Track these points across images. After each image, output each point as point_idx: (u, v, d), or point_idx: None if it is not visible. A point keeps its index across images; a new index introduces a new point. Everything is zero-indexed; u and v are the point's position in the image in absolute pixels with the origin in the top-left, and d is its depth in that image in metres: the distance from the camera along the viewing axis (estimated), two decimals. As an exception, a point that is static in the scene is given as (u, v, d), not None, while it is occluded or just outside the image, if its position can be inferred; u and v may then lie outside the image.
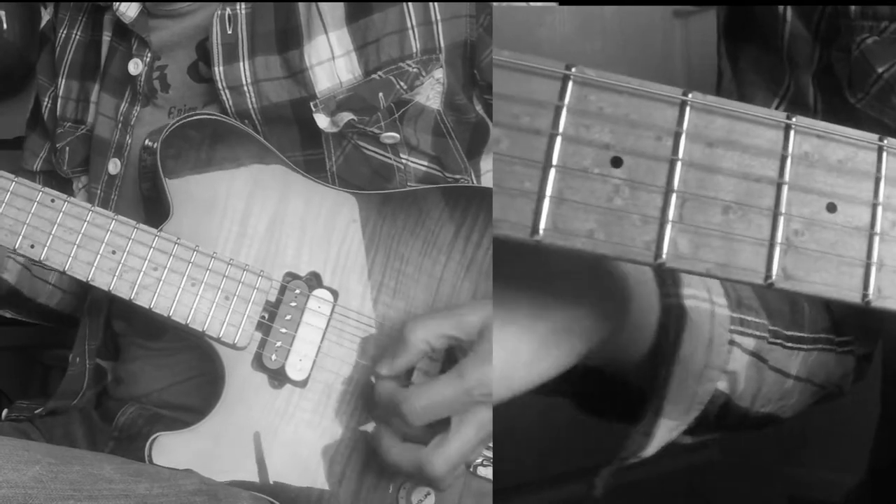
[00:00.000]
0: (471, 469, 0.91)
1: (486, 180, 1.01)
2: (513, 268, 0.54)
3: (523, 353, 0.55)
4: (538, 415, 1.49)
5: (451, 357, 0.90)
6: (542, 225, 0.46)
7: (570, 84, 0.47)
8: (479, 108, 1.01)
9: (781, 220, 0.48)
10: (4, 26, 1.48)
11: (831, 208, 0.49)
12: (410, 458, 0.84)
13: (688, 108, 0.48)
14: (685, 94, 0.48)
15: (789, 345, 0.79)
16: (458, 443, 0.83)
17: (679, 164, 0.47)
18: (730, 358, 0.70)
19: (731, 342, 0.70)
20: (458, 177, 0.99)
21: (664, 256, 0.47)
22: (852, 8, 0.78)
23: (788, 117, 0.49)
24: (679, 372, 0.65)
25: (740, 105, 0.48)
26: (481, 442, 0.85)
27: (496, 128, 0.46)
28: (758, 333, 0.74)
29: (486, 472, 0.93)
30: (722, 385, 0.72)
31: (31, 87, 1.17)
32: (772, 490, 1.77)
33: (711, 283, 0.60)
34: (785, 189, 0.48)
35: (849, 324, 0.86)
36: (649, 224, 0.47)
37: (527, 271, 0.54)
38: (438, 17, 0.96)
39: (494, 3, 0.98)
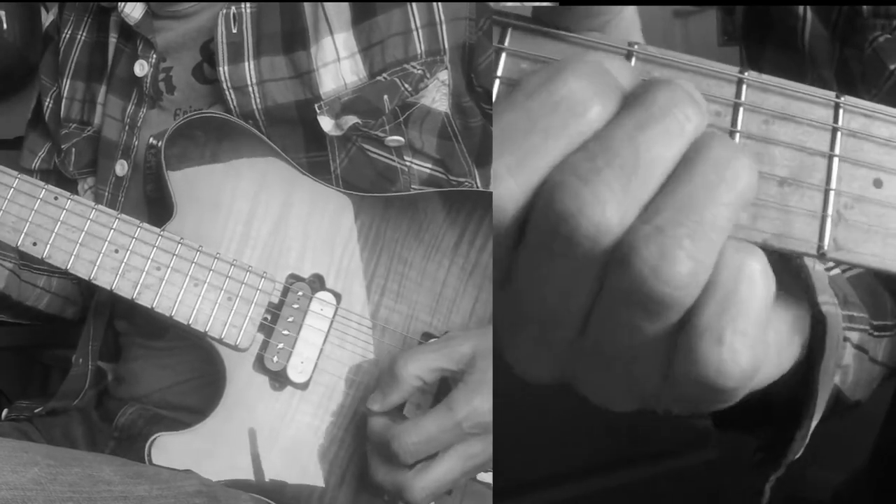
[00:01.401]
0: (452, 493, 0.91)
1: (494, 187, 1.02)
2: None
3: (773, 340, 0.55)
4: (538, 415, 1.50)
5: (444, 388, 0.89)
6: None
7: (634, 60, 0.49)
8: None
9: (832, 193, 0.50)
10: (4, 26, 1.47)
11: (878, 183, 0.51)
12: (393, 481, 0.85)
13: (744, 86, 0.50)
14: (741, 72, 0.50)
15: (876, 334, 0.81)
16: (439, 472, 0.83)
17: (738, 137, 0.49)
18: (844, 353, 0.73)
19: (845, 338, 0.72)
20: (462, 180, 1.00)
21: (726, 227, 0.49)
22: (865, 6, 0.81)
23: (837, 96, 0.51)
24: (823, 374, 0.66)
25: (793, 84, 0.51)
26: (467, 473, 0.85)
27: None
28: (861, 327, 0.77)
29: (486, 476, 0.93)
30: (836, 379, 0.74)
31: (31, 86, 1.16)
32: (771, 490, 1.79)
33: (824, 285, 0.61)
34: (836, 162, 0.50)
35: None
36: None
37: None
38: (442, 18, 0.96)
39: (493, 4, 0.99)
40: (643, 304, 0.46)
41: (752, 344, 0.47)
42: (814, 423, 0.68)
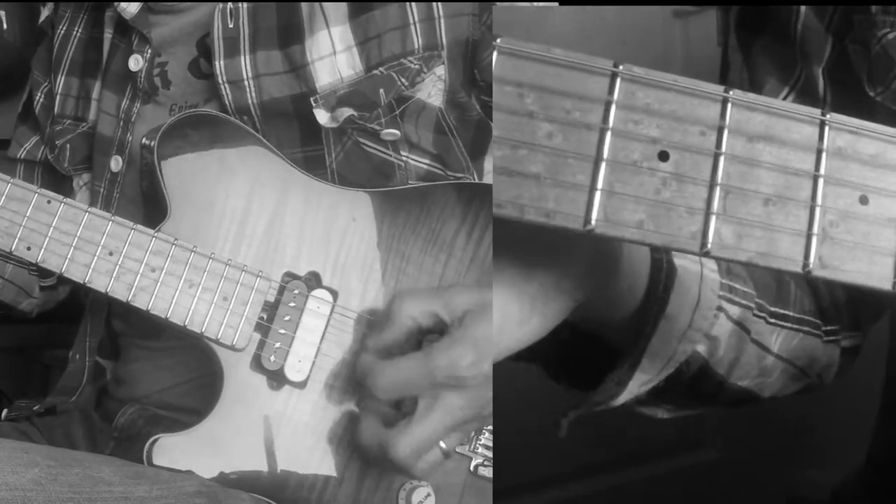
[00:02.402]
0: (450, 457, 0.88)
1: (489, 180, 1.02)
2: (504, 232, 0.54)
3: (513, 312, 0.56)
4: (538, 415, 1.50)
5: None
6: (595, 216, 0.47)
7: (619, 81, 0.48)
8: (477, 107, 1.01)
9: (818, 211, 0.50)
10: (4, 26, 1.47)
11: (864, 200, 0.51)
12: (376, 440, 0.85)
13: (729, 105, 0.49)
14: (726, 91, 0.49)
15: (772, 320, 0.81)
16: (421, 427, 0.83)
17: (722, 158, 0.49)
18: (715, 323, 0.72)
19: (719, 308, 0.72)
20: (459, 175, 0.99)
21: (709, 246, 0.49)
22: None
23: (823, 114, 0.51)
24: (663, 328, 0.66)
25: (778, 102, 0.50)
26: (450, 429, 0.84)
27: (548, 123, 0.47)
28: (744, 302, 0.76)
29: (486, 472, 0.93)
30: (701, 349, 0.73)
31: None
32: (770, 490, 1.80)
33: None
34: (821, 182, 0.50)
35: (834, 313, 0.88)
36: (695, 215, 0.49)
37: (514, 233, 0.54)
38: (441, 14, 0.96)
39: (494, 4, 0.98)
40: None
41: None
42: (641, 376, 0.68)
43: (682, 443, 1.91)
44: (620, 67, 0.48)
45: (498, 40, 0.47)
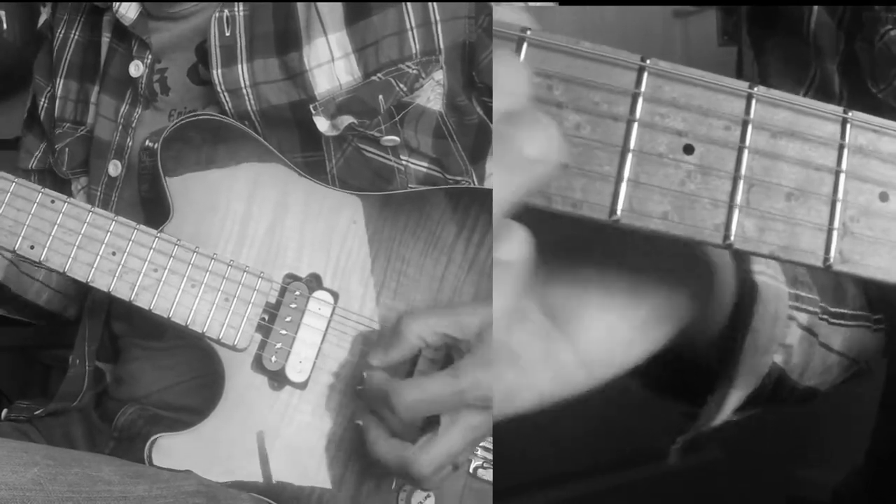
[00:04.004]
0: (459, 469, 0.90)
1: (490, 183, 1.02)
2: (594, 248, 0.55)
3: (623, 333, 0.56)
4: (538, 415, 1.50)
5: (450, 361, 0.89)
6: (620, 206, 0.48)
7: (646, 75, 0.49)
8: (478, 110, 1.01)
9: (839, 206, 0.51)
10: (4, 26, 1.48)
11: (884, 197, 0.52)
12: (396, 455, 0.84)
13: (754, 101, 0.50)
14: (751, 87, 0.50)
15: (833, 321, 0.82)
16: (445, 445, 0.82)
17: (746, 152, 0.50)
18: (788, 332, 0.73)
19: (790, 317, 0.73)
20: (458, 178, 1.00)
21: (732, 238, 0.49)
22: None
23: (845, 112, 0.51)
24: (750, 344, 0.67)
25: (802, 99, 0.51)
26: (469, 445, 0.85)
27: (576, 113, 0.48)
28: (811, 309, 0.77)
29: (486, 474, 0.94)
30: (778, 358, 0.74)
31: (31, 87, 1.16)
32: (771, 490, 1.80)
33: (770, 261, 0.63)
34: (842, 177, 0.51)
35: (879, 303, 0.89)
36: (719, 208, 0.49)
37: (612, 252, 0.55)
38: (438, 18, 0.97)
39: (494, 4, 0.99)
40: None
41: None
42: (737, 393, 0.69)
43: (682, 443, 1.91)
44: (647, 62, 0.49)
45: (528, 32, 0.48)
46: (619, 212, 0.48)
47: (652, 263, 0.55)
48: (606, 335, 0.56)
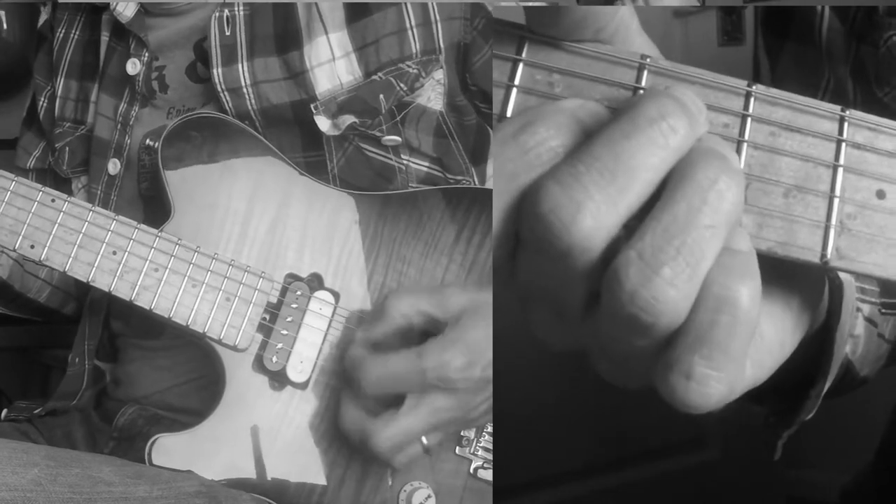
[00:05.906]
0: (430, 454, 0.90)
1: (491, 184, 1.02)
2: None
3: (776, 338, 0.56)
4: (538, 415, 1.51)
5: None
6: None
7: (646, 73, 0.49)
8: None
9: (836, 203, 0.51)
10: (4, 26, 1.48)
11: (881, 195, 0.52)
12: (358, 428, 0.86)
13: (752, 99, 0.51)
14: (750, 85, 0.51)
15: (885, 311, 0.83)
16: (404, 422, 0.84)
17: (745, 148, 0.50)
18: (856, 323, 0.75)
19: (858, 308, 0.74)
20: (459, 178, 1.00)
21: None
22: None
23: (843, 110, 0.52)
24: (839, 337, 0.67)
25: (799, 97, 0.51)
26: (433, 427, 0.86)
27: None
28: (872, 300, 0.79)
29: (486, 474, 0.94)
30: (847, 348, 0.76)
31: (31, 86, 1.17)
32: (771, 490, 1.80)
33: None
34: (840, 174, 0.51)
35: None
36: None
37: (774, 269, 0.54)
38: (437, 18, 0.97)
39: (493, 4, 0.99)
40: (626, 325, 0.47)
41: (727, 378, 0.48)
42: (827, 385, 0.69)
43: (682, 443, 1.91)
44: (648, 60, 0.49)
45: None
46: None
47: (777, 273, 0.54)
48: (772, 338, 0.55)
